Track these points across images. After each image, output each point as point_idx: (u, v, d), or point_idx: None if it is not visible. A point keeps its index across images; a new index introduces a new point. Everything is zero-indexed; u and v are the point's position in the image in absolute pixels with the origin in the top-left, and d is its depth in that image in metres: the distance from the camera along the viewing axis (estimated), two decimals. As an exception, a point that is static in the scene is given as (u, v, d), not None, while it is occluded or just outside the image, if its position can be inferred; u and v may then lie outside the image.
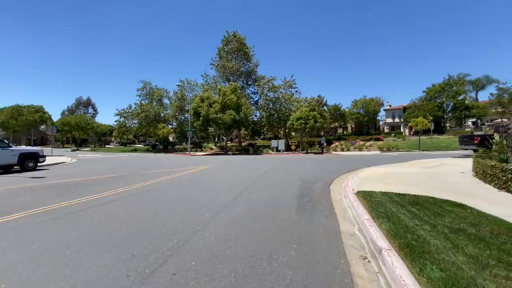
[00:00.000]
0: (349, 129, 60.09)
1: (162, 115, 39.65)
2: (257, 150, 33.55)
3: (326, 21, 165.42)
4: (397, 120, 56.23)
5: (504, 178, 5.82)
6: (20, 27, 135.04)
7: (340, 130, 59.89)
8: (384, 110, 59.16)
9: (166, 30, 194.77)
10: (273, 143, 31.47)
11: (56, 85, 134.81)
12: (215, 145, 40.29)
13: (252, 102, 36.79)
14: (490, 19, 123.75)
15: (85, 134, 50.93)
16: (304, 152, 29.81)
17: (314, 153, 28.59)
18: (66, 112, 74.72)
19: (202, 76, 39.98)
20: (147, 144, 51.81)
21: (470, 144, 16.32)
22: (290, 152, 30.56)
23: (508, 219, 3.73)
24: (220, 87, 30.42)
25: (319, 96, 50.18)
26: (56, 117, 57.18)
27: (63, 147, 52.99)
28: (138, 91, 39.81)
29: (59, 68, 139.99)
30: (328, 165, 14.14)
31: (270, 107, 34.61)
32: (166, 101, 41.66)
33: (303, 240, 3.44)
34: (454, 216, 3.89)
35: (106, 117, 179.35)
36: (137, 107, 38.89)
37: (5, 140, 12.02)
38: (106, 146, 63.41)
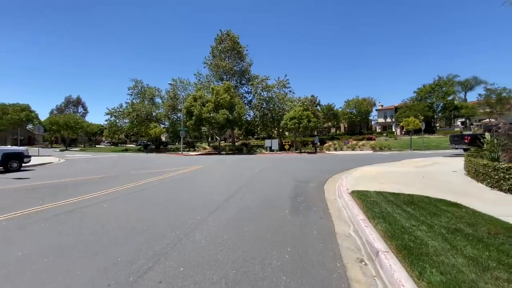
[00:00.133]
0: (342, 128, 60.66)
1: (154, 114, 38.98)
2: (250, 149, 33.36)
3: (319, 21, 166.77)
4: (389, 120, 57.09)
5: (496, 177, 5.84)
6: (18, 28, 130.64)
7: (333, 130, 60.35)
8: (376, 110, 60.06)
9: (159, 30, 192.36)
10: (267, 142, 31.44)
11: (45, 85, 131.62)
12: (208, 145, 39.88)
13: (245, 102, 36.54)
14: (480, 20, 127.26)
15: (75, 134, 49.73)
16: (297, 151, 29.84)
17: (308, 152, 28.62)
18: (55, 111, 72.34)
19: (195, 75, 39.54)
20: (139, 144, 50.86)
21: (461, 143, 16.53)
22: (283, 151, 30.54)
23: (503, 218, 3.69)
24: (213, 86, 30.04)
25: (312, 96, 50.43)
26: (45, 116, 55.65)
27: (51, 147, 51.52)
28: (129, 90, 39.09)
29: (48, 67, 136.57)
30: (321, 165, 14.11)
31: (263, 106, 34.48)
32: (158, 100, 41.03)
33: (297, 242, 3.31)
34: (450, 216, 3.83)
35: (97, 117, 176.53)
36: (128, 106, 38.11)
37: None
38: (96, 146, 61.99)
